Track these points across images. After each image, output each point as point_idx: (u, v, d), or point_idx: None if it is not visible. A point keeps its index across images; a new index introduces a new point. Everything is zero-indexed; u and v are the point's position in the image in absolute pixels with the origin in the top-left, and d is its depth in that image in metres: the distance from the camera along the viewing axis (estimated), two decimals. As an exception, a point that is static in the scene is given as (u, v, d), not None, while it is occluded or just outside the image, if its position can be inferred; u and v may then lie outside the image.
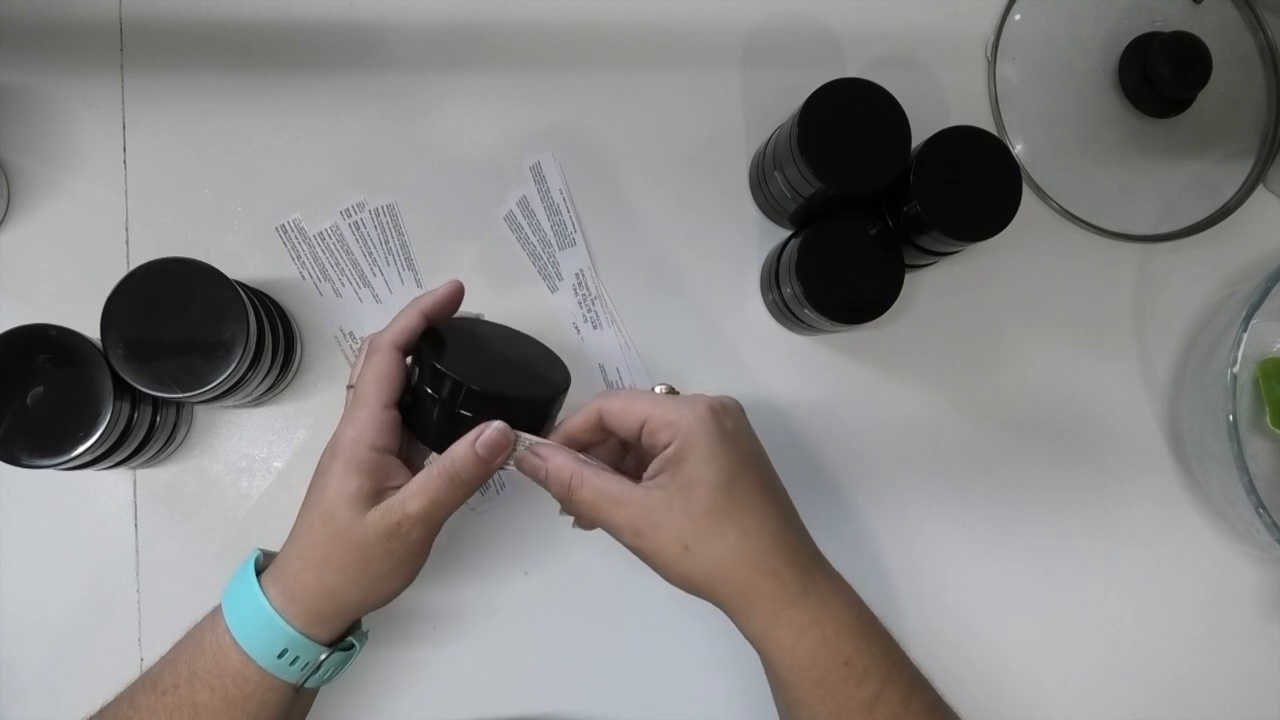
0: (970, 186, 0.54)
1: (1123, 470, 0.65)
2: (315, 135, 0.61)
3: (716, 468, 0.42)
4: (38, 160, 0.60)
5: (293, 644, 0.43)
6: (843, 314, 0.56)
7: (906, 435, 0.64)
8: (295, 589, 0.43)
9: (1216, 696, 0.65)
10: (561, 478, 0.43)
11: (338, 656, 0.45)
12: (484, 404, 0.43)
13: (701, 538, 0.42)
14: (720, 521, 0.42)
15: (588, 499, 0.43)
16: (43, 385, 0.49)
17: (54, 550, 0.58)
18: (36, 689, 0.57)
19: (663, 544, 0.42)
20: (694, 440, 0.42)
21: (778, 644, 0.42)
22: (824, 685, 0.42)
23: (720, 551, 0.42)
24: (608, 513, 0.43)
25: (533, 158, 0.62)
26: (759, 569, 0.42)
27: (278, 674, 0.43)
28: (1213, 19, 0.66)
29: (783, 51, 0.65)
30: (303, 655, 0.43)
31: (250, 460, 0.60)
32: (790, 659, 0.42)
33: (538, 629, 0.61)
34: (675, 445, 0.42)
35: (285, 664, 0.43)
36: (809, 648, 0.42)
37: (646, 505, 0.42)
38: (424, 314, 0.47)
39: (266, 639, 0.43)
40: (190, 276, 0.50)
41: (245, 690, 0.43)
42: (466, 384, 0.43)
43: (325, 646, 0.44)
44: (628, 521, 0.42)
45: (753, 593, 0.42)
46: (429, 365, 0.44)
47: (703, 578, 0.42)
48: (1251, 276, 0.63)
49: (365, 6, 0.62)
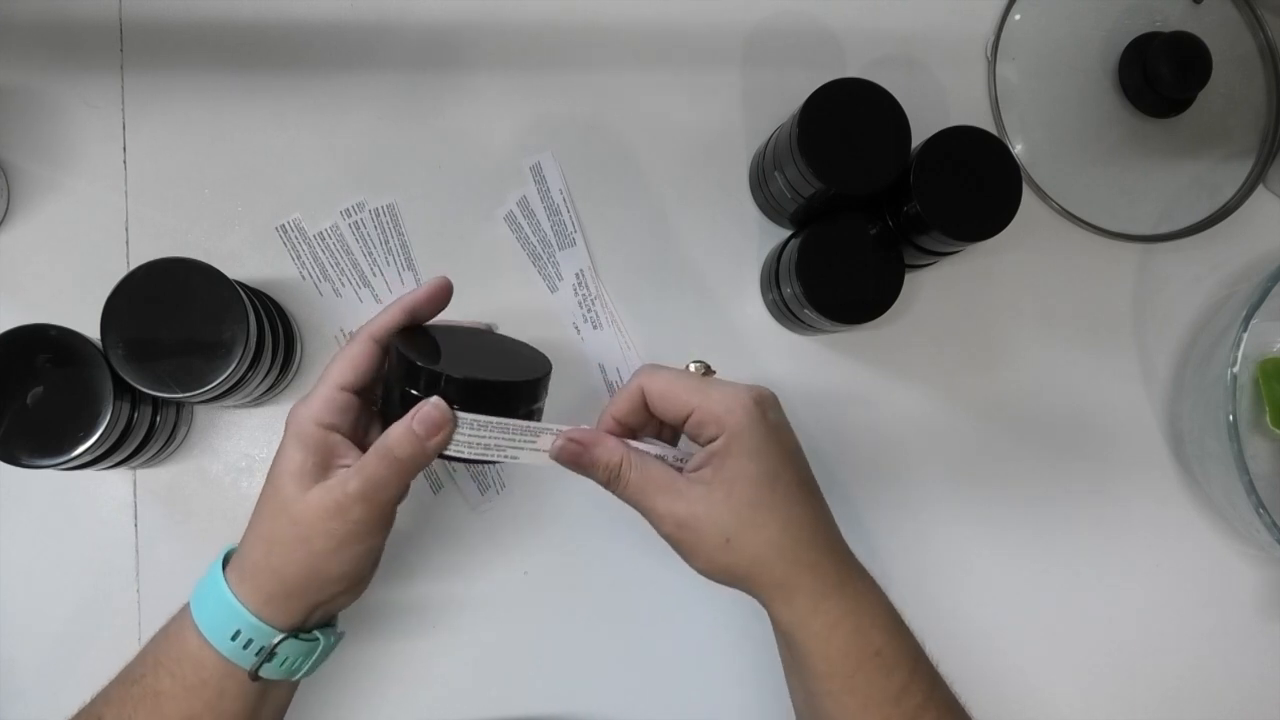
0: (970, 186, 0.54)
1: (1123, 470, 0.65)
2: (315, 135, 0.61)
3: (760, 463, 0.43)
4: (38, 160, 0.60)
5: (245, 625, 0.42)
6: (843, 314, 0.56)
7: (906, 435, 0.64)
8: (247, 568, 0.43)
9: (1216, 696, 0.65)
10: (611, 461, 0.43)
11: (294, 645, 0.44)
12: (457, 391, 0.42)
13: (743, 531, 0.42)
14: (762, 514, 0.42)
15: (635, 482, 0.43)
16: (43, 385, 0.49)
17: (54, 550, 0.58)
18: (36, 689, 0.57)
19: (704, 537, 0.42)
20: (740, 436, 0.43)
21: (814, 635, 0.43)
22: (855, 676, 0.43)
23: (761, 544, 0.42)
24: (651, 500, 0.43)
25: (533, 158, 0.62)
26: (799, 562, 0.43)
27: (232, 658, 0.42)
28: (1213, 19, 0.66)
29: (783, 51, 0.65)
30: (256, 639, 0.43)
31: (250, 460, 0.60)
32: (825, 649, 0.43)
33: (537, 629, 0.61)
34: (722, 440, 0.43)
35: (239, 647, 0.42)
36: (843, 638, 0.43)
37: (690, 497, 0.43)
38: (406, 310, 0.46)
39: (221, 620, 0.43)
40: (190, 276, 0.50)
41: (202, 676, 0.42)
42: (439, 371, 0.42)
43: (279, 631, 0.43)
44: (671, 512, 0.43)
45: (792, 584, 0.43)
46: (400, 356, 0.44)
47: (744, 570, 0.43)
48: (1251, 276, 0.63)
49: (365, 6, 0.62)
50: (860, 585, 0.45)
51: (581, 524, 0.61)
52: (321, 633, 0.46)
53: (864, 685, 0.43)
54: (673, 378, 0.45)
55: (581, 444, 0.43)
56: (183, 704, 0.42)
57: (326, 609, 0.45)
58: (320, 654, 0.46)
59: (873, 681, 0.43)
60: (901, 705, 0.43)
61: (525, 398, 0.45)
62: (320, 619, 0.46)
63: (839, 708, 0.43)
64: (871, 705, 0.43)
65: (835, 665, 0.43)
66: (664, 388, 0.44)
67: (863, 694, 0.43)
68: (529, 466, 0.44)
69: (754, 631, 0.61)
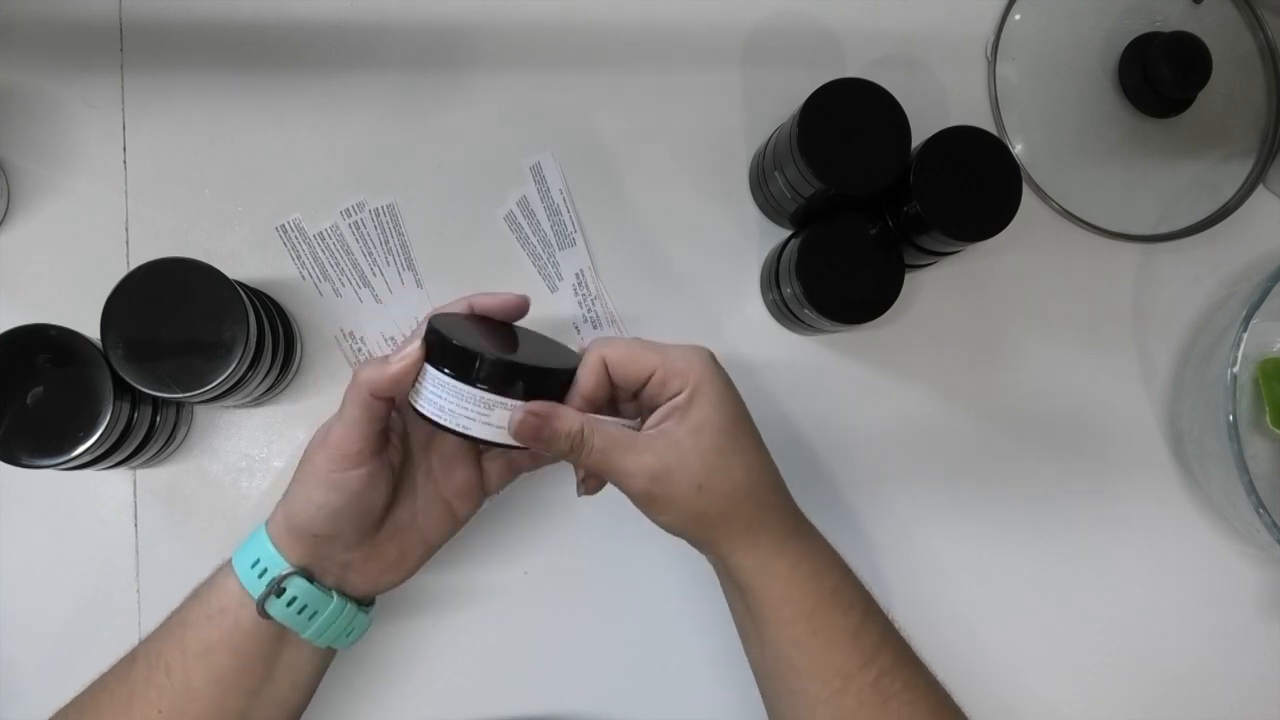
0: (970, 186, 0.54)
1: (1123, 470, 0.65)
2: (315, 135, 0.61)
3: (723, 411, 0.44)
4: (38, 160, 0.60)
5: (263, 553, 0.45)
6: (843, 314, 0.56)
7: (906, 435, 0.64)
8: (280, 504, 0.46)
9: (1216, 696, 0.65)
10: (572, 428, 0.43)
11: (302, 585, 0.45)
12: (500, 375, 0.42)
13: (713, 476, 0.43)
14: (729, 458, 0.44)
15: (600, 446, 0.43)
16: (43, 385, 0.49)
17: (54, 550, 0.58)
18: (36, 689, 0.57)
19: (676, 486, 0.43)
20: (704, 386, 0.44)
21: (777, 576, 0.45)
22: (815, 616, 0.44)
23: (729, 487, 0.44)
24: (620, 460, 0.43)
25: (533, 158, 0.62)
26: (763, 503, 0.45)
27: (246, 585, 0.44)
28: (1213, 19, 0.66)
29: (783, 51, 0.65)
30: (270, 568, 0.45)
31: (250, 460, 0.60)
32: (787, 593, 0.44)
33: (537, 629, 0.61)
34: (686, 393, 0.43)
35: (255, 575, 0.44)
36: (803, 578, 0.45)
37: (658, 449, 0.43)
38: (471, 305, 0.48)
39: (248, 550, 0.45)
40: (190, 276, 0.50)
41: (223, 603, 0.44)
42: (482, 354, 0.42)
43: (290, 565, 0.45)
44: (642, 467, 0.43)
45: (758, 525, 0.45)
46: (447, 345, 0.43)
47: (714, 515, 0.44)
48: (1251, 276, 0.63)
49: (365, 6, 0.62)
50: (811, 529, 0.47)
51: (581, 524, 0.61)
52: (337, 592, 0.46)
53: (824, 624, 0.44)
54: (629, 342, 0.45)
55: (540, 416, 0.43)
56: (202, 632, 0.44)
57: (331, 566, 0.46)
58: (332, 616, 0.46)
59: (832, 620, 0.44)
60: (859, 642, 0.44)
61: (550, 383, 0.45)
62: (335, 580, 0.47)
63: (801, 652, 0.44)
64: (834, 645, 0.44)
65: (797, 607, 0.44)
66: (624, 352, 0.45)
67: (824, 634, 0.44)
68: (485, 442, 0.43)
69: (754, 631, 0.62)
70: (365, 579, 0.48)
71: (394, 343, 0.61)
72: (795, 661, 0.45)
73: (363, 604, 0.49)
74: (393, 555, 0.48)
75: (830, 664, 0.44)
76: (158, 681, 0.44)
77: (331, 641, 0.47)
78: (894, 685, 0.44)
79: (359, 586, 0.48)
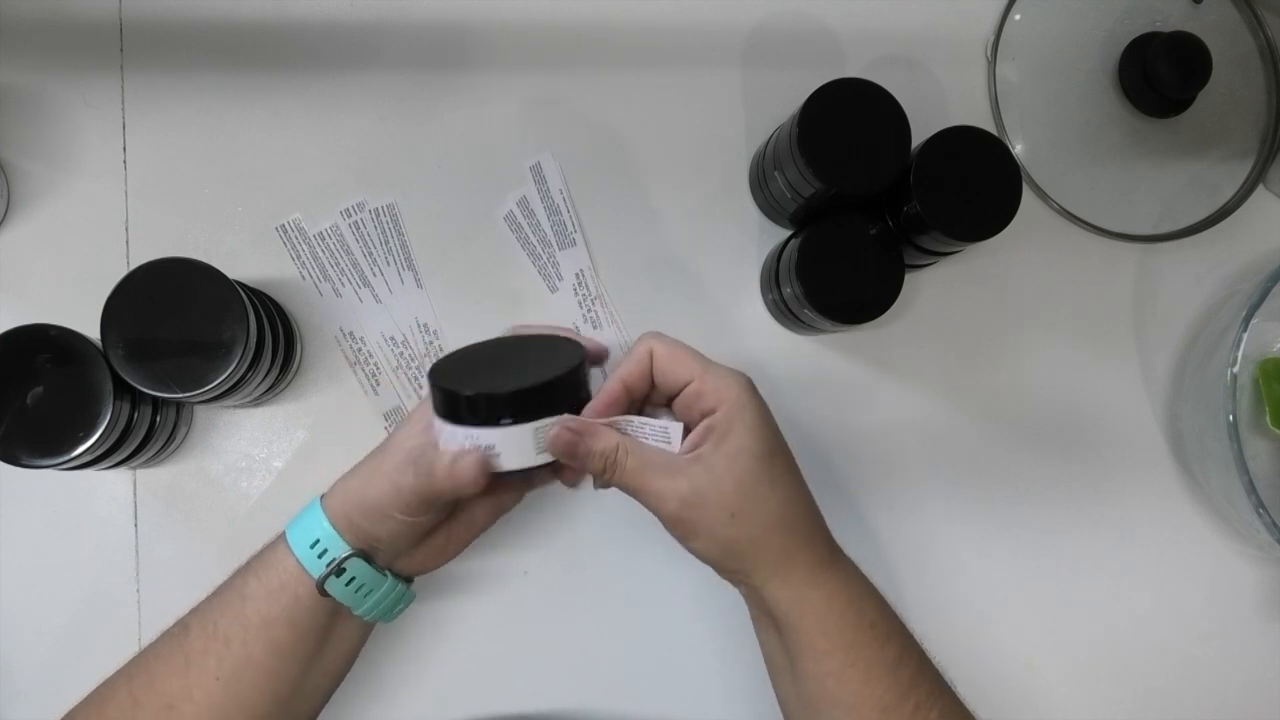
0: (970, 186, 0.54)
1: (1122, 470, 0.65)
2: (315, 135, 0.61)
3: (760, 439, 0.43)
4: (38, 160, 0.60)
5: (323, 535, 0.45)
6: (843, 314, 0.56)
7: (906, 435, 0.64)
8: (338, 488, 0.47)
9: (1216, 696, 0.65)
10: (606, 447, 0.43)
11: (361, 566, 0.46)
12: (498, 407, 0.43)
13: (747, 504, 0.43)
14: (764, 488, 0.43)
15: (633, 468, 0.43)
16: (43, 385, 0.49)
17: (54, 550, 0.58)
18: (36, 689, 0.57)
19: (708, 512, 0.43)
20: (741, 412, 0.43)
21: (813, 609, 0.44)
22: (854, 649, 0.44)
23: (763, 517, 0.43)
24: (652, 481, 0.43)
25: (533, 158, 0.62)
26: (797, 534, 0.44)
27: (307, 565, 0.45)
28: (1213, 19, 0.66)
29: (783, 51, 0.65)
30: (330, 549, 0.45)
31: (250, 460, 0.60)
32: (823, 624, 0.44)
33: (537, 629, 0.61)
34: (722, 414, 0.43)
35: (315, 555, 0.45)
36: (840, 611, 0.44)
37: (691, 474, 0.43)
38: None
39: (305, 529, 0.46)
40: (190, 276, 0.50)
41: (283, 580, 0.45)
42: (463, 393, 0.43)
43: (349, 547, 0.45)
44: (674, 491, 0.43)
45: (791, 556, 0.44)
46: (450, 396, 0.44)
47: (745, 544, 0.43)
48: (1251, 276, 0.63)
49: (365, 6, 0.62)
50: (846, 561, 0.46)
51: (581, 524, 0.61)
52: (391, 573, 0.47)
53: (863, 657, 0.44)
54: (677, 343, 0.46)
55: (576, 432, 0.43)
56: (262, 606, 0.45)
57: (383, 553, 0.47)
58: (385, 594, 0.47)
59: (870, 652, 0.44)
60: (898, 675, 0.44)
61: (580, 383, 0.45)
62: (386, 561, 0.48)
63: (840, 685, 0.44)
64: (873, 678, 0.43)
65: (835, 639, 0.44)
66: (671, 351, 0.45)
67: (862, 667, 0.44)
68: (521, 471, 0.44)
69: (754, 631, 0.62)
70: (415, 562, 0.49)
71: (394, 342, 0.61)
72: (833, 694, 0.44)
73: (409, 581, 0.50)
74: (440, 542, 0.49)
75: (869, 697, 0.43)
76: (216, 651, 0.44)
77: (380, 616, 0.48)
78: (930, 716, 0.44)
79: (409, 568, 0.49)
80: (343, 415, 0.61)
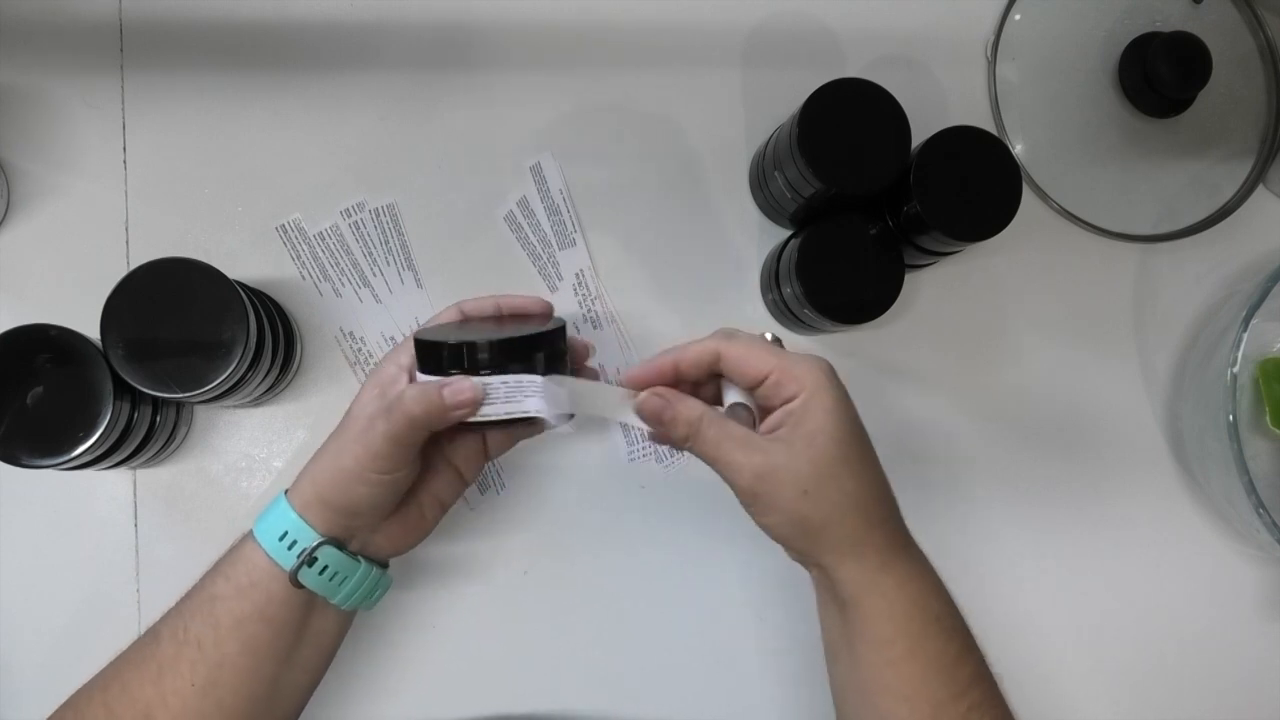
0: (970, 186, 0.54)
1: (1122, 470, 0.65)
2: (315, 135, 0.61)
3: (838, 421, 0.44)
4: (38, 160, 0.60)
5: (291, 526, 0.45)
6: (843, 314, 0.56)
7: (906, 435, 0.64)
8: (302, 477, 0.47)
9: (1216, 696, 0.65)
10: (692, 415, 0.44)
11: (333, 554, 0.45)
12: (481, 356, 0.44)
13: (821, 483, 0.43)
14: (839, 468, 0.43)
15: (713, 438, 0.44)
16: (43, 385, 0.49)
17: (54, 550, 0.58)
18: (36, 689, 0.57)
19: (782, 488, 0.43)
20: (821, 394, 0.44)
21: (882, 594, 0.44)
22: (917, 639, 0.44)
23: (838, 497, 0.43)
24: (730, 453, 0.44)
25: (533, 158, 0.62)
26: (871, 518, 0.44)
27: (277, 558, 0.45)
28: (1213, 19, 0.66)
29: (783, 51, 0.65)
30: (300, 540, 0.45)
31: (250, 460, 0.60)
32: (891, 610, 0.44)
33: (537, 629, 0.61)
34: (802, 399, 0.44)
35: (284, 548, 0.45)
36: (909, 599, 0.44)
37: (769, 451, 0.43)
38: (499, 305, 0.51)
39: (271, 523, 0.46)
40: (190, 276, 0.50)
41: (253, 576, 0.45)
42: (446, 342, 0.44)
43: (319, 535, 0.45)
44: (750, 464, 0.43)
45: (864, 540, 0.44)
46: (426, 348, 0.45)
47: (819, 522, 0.43)
48: (1251, 276, 0.63)
49: (365, 6, 0.62)
50: (918, 551, 0.46)
51: (581, 523, 0.61)
52: (364, 558, 0.47)
53: (924, 649, 0.44)
54: (751, 341, 0.46)
55: (666, 399, 0.45)
56: (234, 605, 0.45)
57: (357, 534, 0.47)
58: (360, 580, 0.47)
59: (934, 645, 0.44)
60: (956, 673, 0.44)
61: (556, 349, 0.46)
62: (359, 545, 0.48)
63: (896, 674, 0.43)
64: (930, 672, 0.43)
65: (900, 627, 0.44)
66: (744, 351, 0.46)
67: (922, 659, 0.43)
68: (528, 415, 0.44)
69: (756, 631, 0.62)
70: (389, 542, 0.49)
71: (394, 342, 0.61)
72: (888, 683, 0.44)
73: (384, 566, 0.50)
74: (413, 518, 0.49)
75: (924, 691, 0.43)
76: (189, 655, 0.44)
77: (358, 604, 0.48)
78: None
79: (383, 549, 0.49)
80: (342, 415, 0.60)
